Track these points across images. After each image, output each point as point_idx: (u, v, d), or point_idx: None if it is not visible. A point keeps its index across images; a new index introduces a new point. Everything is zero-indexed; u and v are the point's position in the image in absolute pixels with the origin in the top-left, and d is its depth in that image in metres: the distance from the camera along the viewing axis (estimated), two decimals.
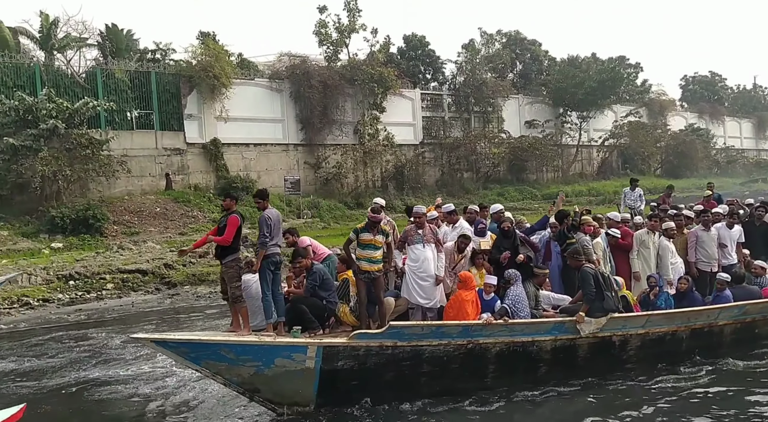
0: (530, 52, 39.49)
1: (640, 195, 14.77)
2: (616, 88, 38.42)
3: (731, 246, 9.55)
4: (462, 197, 32.15)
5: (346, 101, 30.20)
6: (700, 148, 42.25)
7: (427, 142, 33.71)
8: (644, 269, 8.96)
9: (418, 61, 36.33)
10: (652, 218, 9.38)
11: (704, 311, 8.03)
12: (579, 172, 39.08)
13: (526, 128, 37.02)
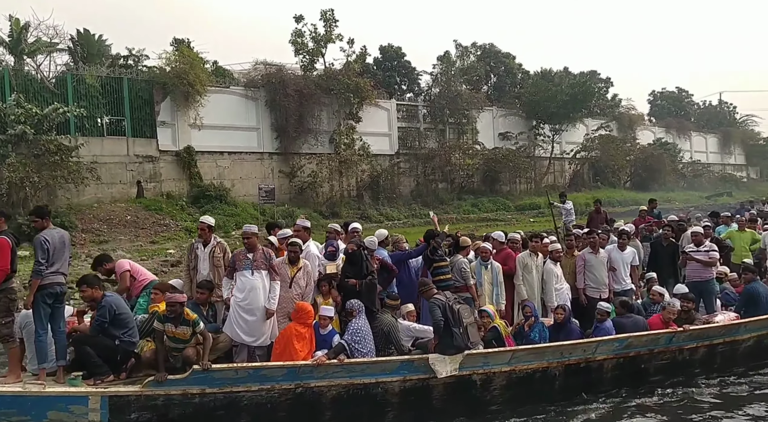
0: (504, 64, 40.31)
1: (570, 209, 14.48)
2: (587, 102, 39.50)
3: (623, 270, 8.63)
4: (437, 208, 32.46)
5: (322, 110, 30.22)
6: (667, 161, 43.67)
7: (402, 152, 33.94)
8: (530, 295, 8.13)
9: (394, 72, 36.69)
10: (533, 239, 8.47)
11: (579, 345, 6.95)
12: (551, 184, 39.81)
13: (500, 140, 37.66)
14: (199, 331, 6.20)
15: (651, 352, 7.09)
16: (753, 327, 7.40)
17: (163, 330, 6.17)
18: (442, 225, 9.42)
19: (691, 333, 7.12)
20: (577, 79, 38.61)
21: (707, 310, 8.10)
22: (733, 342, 7.34)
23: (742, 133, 54.45)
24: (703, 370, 7.27)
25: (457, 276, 7.62)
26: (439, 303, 6.33)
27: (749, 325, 7.37)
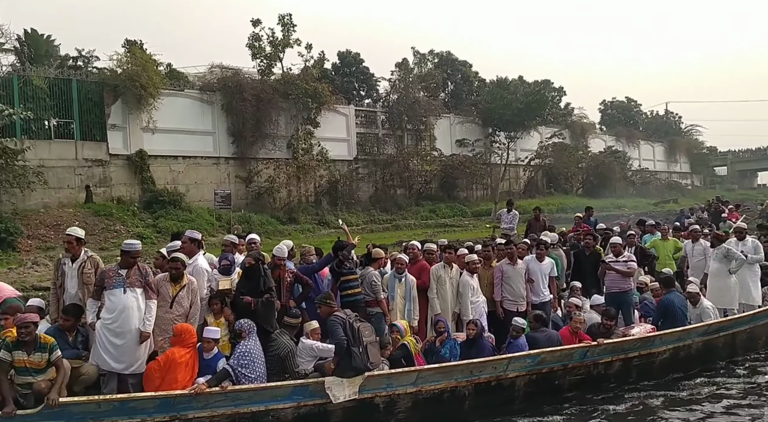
0: (461, 72, 40.54)
1: (514, 217, 14.03)
2: (541, 110, 39.95)
3: (542, 281, 8.26)
4: (395, 213, 32.48)
5: (279, 115, 29.84)
6: (617, 169, 44.49)
7: (361, 158, 33.76)
8: (444, 309, 7.68)
9: (352, 78, 36.54)
10: (446, 250, 7.96)
11: (489, 362, 6.47)
12: (507, 190, 40.16)
13: (457, 147, 37.82)
14: (55, 359, 5.43)
15: (565, 368, 6.80)
16: (668, 339, 7.28)
17: (10, 361, 5.33)
18: (353, 234, 8.55)
19: (606, 346, 6.91)
20: (532, 88, 39.08)
21: (625, 322, 7.98)
22: (649, 355, 7.20)
23: (686, 142, 55.96)
24: (619, 384, 7.07)
25: (368, 289, 7.21)
26: (339, 321, 5.82)
27: (665, 337, 7.24)
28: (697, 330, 7.47)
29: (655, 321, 7.97)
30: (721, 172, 61.66)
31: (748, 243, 8.79)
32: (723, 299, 8.41)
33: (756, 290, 8.62)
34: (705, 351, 7.63)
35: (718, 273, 8.48)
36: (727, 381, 7.26)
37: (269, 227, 27.08)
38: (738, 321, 7.91)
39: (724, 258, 8.47)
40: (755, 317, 8.08)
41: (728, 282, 8.43)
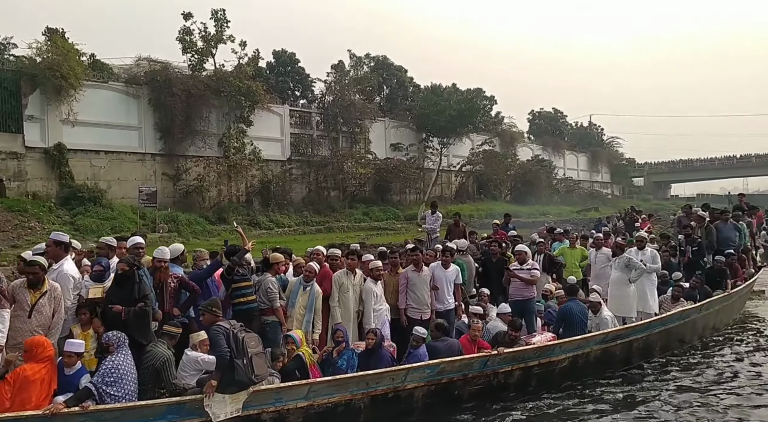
0: (396, 77, 40.64)
1: (437, 218, 13.81)
2: (473, 118, 40.59)
3: (447, 288, 7.96)
4: (328, 215, 32.11)
5: (210, 112, 28.94)
6: (543, 177, 45.76)
7: (295, 158, 33.20)
8: (345, 317, 7.30)
9: (287, 78, 35.91)
10: (349, 256, 7.58)
11: (387, 373, 6.09)
12: (439, 195, 40.58)
13: (391, 151, 37.86)
14: None
15: (465, 377, 6.54)
16: (568, 347, 7.27)
17: None
18: (251, 238, 8.13)
19: (506, 355, 6.73)
20: (465, 96, 39.59)
21: (527, 330, 7.93)
22: (549, 364, 7.13)
23: (608, 153, 58.40)
24: (518, 393, 6.97)
25: (263, 297, 6.75)
26: (222, 331, 5.27)
27: (564, 346, 7.23)
28: (596, 338, 7.54)
29: (556, 328, 8.01)
30: (638, 183, 64.65)
31: (647, 253, 8.97)
32: (622, 307, 8.55)
33: (653, 299, 8.82)
34: (603, 359, 7.70)
35: (619, 281, 8.60)
36: (623, 388, 7.34)
37: (197, 227, 26.17)
38: (635, 329, 8.04)
39: (626, 267, 8.60)
40: (651, 325, 8.24)
41: (628, 291, 8.56)
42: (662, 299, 9.37)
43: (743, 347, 9.64)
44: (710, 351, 9.26)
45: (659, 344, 8.59)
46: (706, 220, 11.57)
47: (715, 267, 10.68)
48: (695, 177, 67.80)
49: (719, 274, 10.51)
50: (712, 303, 9.59)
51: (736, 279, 10.98)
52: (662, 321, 8.48)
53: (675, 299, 9.36)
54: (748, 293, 12.40)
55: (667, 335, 8.71)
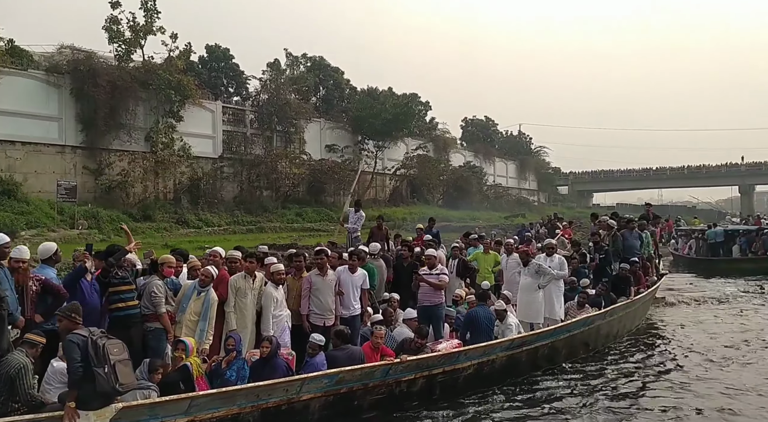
0: (333, 79, 40.20)
1: (360, 217, 13.24)
2: (408, 122, 40.69)
3: (353, 293, 7.51)
4: (260, 215, 31.29)
5: (138, 105, 27.69)
6: (474, 183, 46.46)
7: (226, 156, 32.19)
8: (241, 324, 6.68)
9: (220, 73, 34.77)
10: (247, 259, 6.99)
11: (279, 384, 5.55)
12: (373, 198, 40.47)
13: (327, 152, 37.39)
14: None
15: (365, 387, 6.12)
16: (473, 354, 7.07)
17: None
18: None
19: (410, 363, 6.38)
20: (400, 100, 39.65)
21: (435, 336, 7.73)
22: (453, 371, 6.89)
23: (535, 161, 60.14)
24: (422, 402, 6.67)
25: (147, 301, 6.12)
26: (77, 339, 4.51)
27: (469, 353, 7.02)
28: (501, 345, 7.39)
29: (462, 333, 7.86)
30: (563, 191, 66.92)
31: (555, 260, 8.93)
32: (531, 313, 8.51)
33: (559, 305, 8.82)
34: (509, 366, 7.59)
35: (528, 287, 8.56)
36: (528, 395, 7.24)
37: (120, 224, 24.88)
38: (540, 335, 7.99)
39: (536, 273, 8.57)
40: (556, 332, 8.21)
41: (536, 297, 8.53)
42: (569, 305, 9.41)
43: (645, 352, 9.81)
44: (613, 356, 9.36)
45: (564, 350, 8.56)
46: (614, 229, 11.67)
47: (620, 274, 10.78)
48: (615, 187, 70.94)
49: (624, 281, 10.59)
50: (616, 309, 9.65)
51: (639, 287, 11.13)
52: (567, 327, 8.47)
53: (581, 305, 9.35)
54: (651, 300, 12.59)
55: (572, 341, 8.66)
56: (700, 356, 9.58)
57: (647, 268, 12.18)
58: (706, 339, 10.77)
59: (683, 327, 11.88)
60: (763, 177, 63.65)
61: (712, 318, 12.98)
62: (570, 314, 9.23)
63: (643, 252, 11.92)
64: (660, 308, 14.12)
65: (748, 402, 7.37)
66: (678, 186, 71.10)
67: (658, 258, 13.82)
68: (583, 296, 9.45)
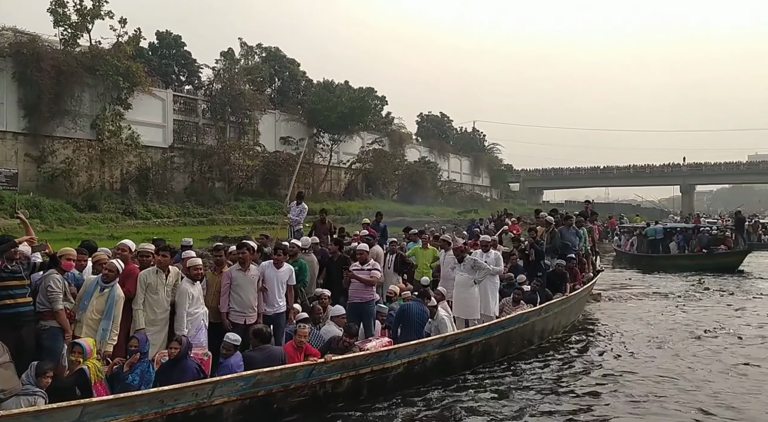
0: (289, 70, 39.34)
1: (302, 210, 12.48)
2: (364, 117, 40.24)
3: (278, 289, 7.01)
4: (212, 207, 30.38)
5: (84, 91, 26.47)
6: (429, 178, 46.44)
7: (177, 146, 31.10)
8: (150, 323, 6.11)
9: (171, 61, 33.51)
10: (161, 252, 6.42)
11: (188, 388, 5.02)
12: (328, 192, 39.98)
13: (281, 144, 36.62)
14: None
15: (286, 389, 5.65)
16: (403, 353, 6.73)
17: None
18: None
19: (335, 363, 5.97)
20: (357, 94, 39.18)
21: (366, 334, 7.39)
22: (383, 370, 6.53)
23: (489, 158, 60.64)
24: (348, 403, 6.28)
25: (42, 297, 5.51)
26: None
27: (399, 351, 6.67)
28: (433, 342, 7.09)
29: (394, 329, 7.57)
30: (515, 188, 67.80)
31: (491, 255, 8.77)
32: (467, 309, 8.27)
33: (494, 301, 8.63)
34: (441, 364, 7.30)
35: (464, 283, 8.30)
36: (459, 393, 6.97)
37: (63, 214, 23.75)
38: (474, 332, 7.73)
39: (472, 268, 8.33)
40: (490, 328, 7.98)
41: (472, 293, 8.29)
42: (504, 302, 9.21)
43: (578, 347, 9.75)
44: (548, 352, 9.23)
45: (499, 347, 8.35)
46: (552, 225, 11.54)
47: (556, 270, 10.66)
48: (564, 185, 72.39)
49: (560, 278, 10.51)
50: (551, 306, 9.49)
51: (575, 283, 11.03)
52: (502, 324, 8.26)
53: (516, 302, 9.16)
54: (587, 296, 12.51)
55: (507, 338, 8.42)
56: (632, 348, 9.63)
57: (584, 264, 12.08)
58: (639, 333, 10.83)
59: (617, 322, 11.92)
60: (703, 177, 66.14)
61: (646, 312, 13.07)
62: (505, 310, 9.01)
63: (580, 249, 11.82)
64: (597, 303, 14.16)
65: (676, 388, 7.45)
66: (624, 185, 73.14)
67: (595, 254, 13.80)
68: (518, 292, 9.28)
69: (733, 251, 22.31)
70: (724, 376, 8.08)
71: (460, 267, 8.47)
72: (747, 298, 15.21)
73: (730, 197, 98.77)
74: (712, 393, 7.32)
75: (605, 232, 32.89)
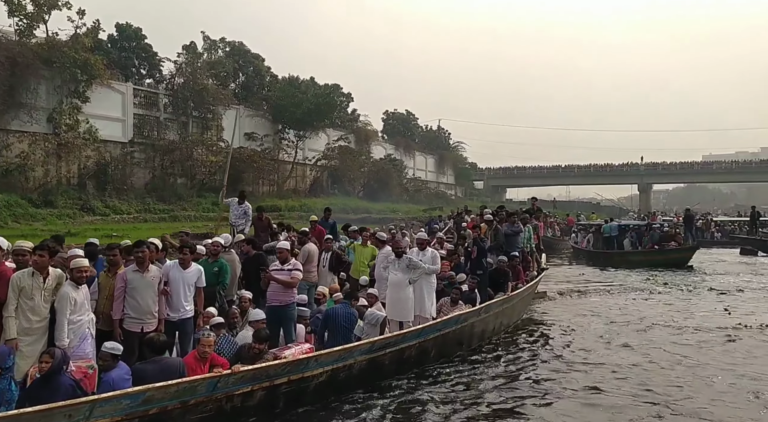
0: (253, 65, 38.20)
1: (245, 211, 11.55)
2: (330, 113, 39.44)
3: (184, 292, 6.39)
4: (174, 203, 29.32)
5: (39, 84, 25.19)
6: (395, 176, 45.87)
7: (138, 141, 29.88)
8: (23, 332, 5.28)
9: (131, 54, 32.11)
10: (38, 251, 5.61)
11: (56, 409, 4.24)
12: (293, 188, 39.16)
13: (246, 140, 35.61)
14: None
15: (185, 405, 4.89)
16: (326, 360, 6.03)
17: None
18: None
19: (244, 374, 5.29)
20: (322, 90, 38.39)
21: (286, 340, 6.66)
22: (302, 380, 5.83)
23: (453, 156, 60.47)
24: (261, 417, 5.57)
25: None
26: None
27: (321, 359, 5.98)
28: (361, 348, 6.42)
29: (320, 334, 6.94)
30: (479, 186, 67.94)
31: (427, 254, 8.15)
32: (401, 311, 7.65)
33: (430, 302, 8.03)
34: (370, 370, 6.63)
35: (399, 283, 7.68)
36: (388, 401, 6.40)
37: (18, 210, 22.58)
38: (406, 336, 7.09)
39: (407, 267, 7.74)
40: (425, 331, 7.37)
41: (407, 293, 7.71)
42: (442, 302, 8.61)
43: (520, 347, 9.32)
44: (488, 354, 8.73)
45: (435, 350, 7.74)
46: (495, 222, 11.14)
47: (498, 268, 10.18)
48: (527, 183, 72.81)
49: (502, 275, 10.03)
50: (491, 305, 8.94)
51: (518, 281, 10.58)
52: (437, 326, 7.62)
53: (454, 302, 8.57)
54: (531, 295, 12.09)
55: (444, 340, 7.86)
56: (575, 344, 9.36)
57: (528, 262, 11.67)
58: (584, 328, 10.57)
59: (562, 319, 11.58)
60: (660, 176, 67.28)
61: (596, 307, 12.85)
62: (443, 311, 8.42)
63: (524, 246, 11.43)
64: (542, 301, 13.78)
65: (616, 382, 7.35)
66: (585, 183, 74.02)
67: (540, 252, 13.32)
68: (456, 292, 8.68)
69: (682, 247, 22.46)
70: (667, 366, 8.04)
71: (394, 266, 7.84)
72: (693, 292, 15.22)
73: (685, 196, 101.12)
74: (653, 385, 7.24)
75: (566, 230, 33.00)
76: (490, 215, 11.55)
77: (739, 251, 27.14)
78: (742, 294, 14.98)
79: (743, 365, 8.07)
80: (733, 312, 12.23)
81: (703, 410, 6.37)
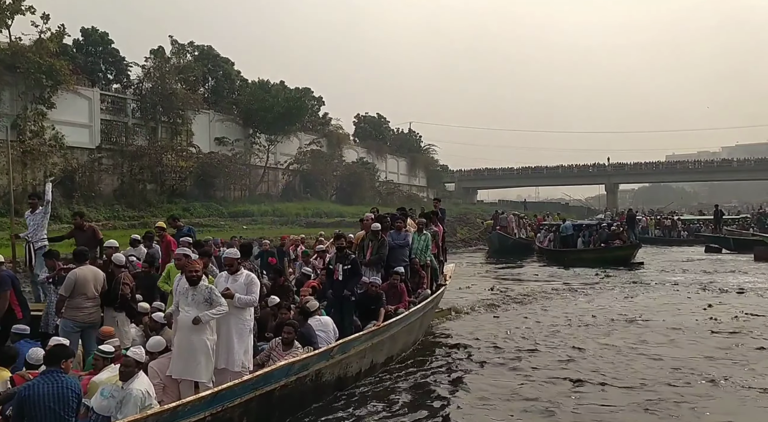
0: (223, 69, 38.85)
1: (43, 218, 9.06)
2: (301, 117, 40.39)
3: None
4: (144, 210, 29.73)
5: (3, 90, 25.60)
6: (367, 179, 46.94)
7: (105, 147, 30.23)
8: None
9: (98, 58, 32.44)
10: None
11: None
12: (265, 193, 39.85)
13: (216, 145, 36.20)
14: None
15: None
16: None
17: None
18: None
19: None
20: (293, 94, 39.25)
21: None
22: None
23: (425, 159, 61.99)
24: None
25: None
26: None
27: None
28: None
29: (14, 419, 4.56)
30: (450, 188, 69.55)
31: (240, 279, 6.02)
32: (191, 367, 5.50)
33: (242, 349, 5.89)
34: None
35: (188, 324, 5.53)
36: None
37: None
38: (192, 406, 4.75)
39: (204, 302, 5.59)
40: (226, 395, 5.14)
41: (200, 340, 5.53)
42: (273, 345, 6.47)
43: (400, 391, 7.25)
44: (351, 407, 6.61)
45: (250, 419, 5.42)
46: (379, 231, 8.90)
47: (368, 291, 7.97)
48: (497, 184, 75.00)
49: (373, 301, 7.88)
50: (352, 342, 6.87)
51: (398, 306, 8.38)
52: (250, 382, 5.40)
53: (287, 344, 6.30)
54: (427, 317, 9.95)
55: (267, 401, 5.64)
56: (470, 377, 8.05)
57: (422, 278, 9.56)
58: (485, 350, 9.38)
59: (462, 343, 9.80)
60: (626, 176, 70.44)
61: (503, 322, 11.83)
62: (272, 358, 6.31)
63: (419, 258, 9.49)
64: (445, 322, 11.72)
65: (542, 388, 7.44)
66: (553, 184, 76.63)
67: (442, 264, 11.00)
68: (289, 330, 6.35)
69: (625, 245, 24.21)
70: (609, 354, 8.91)
71: (186, 299, 5.65)
72: (632, 288, 16.42)
73: (650, 195, 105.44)
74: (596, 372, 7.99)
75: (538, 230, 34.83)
76: (377, 223, 9.10)
77: (704, 249, 29.37)
78: (675, 287, 16.43)
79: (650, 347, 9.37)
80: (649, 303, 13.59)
81: None
